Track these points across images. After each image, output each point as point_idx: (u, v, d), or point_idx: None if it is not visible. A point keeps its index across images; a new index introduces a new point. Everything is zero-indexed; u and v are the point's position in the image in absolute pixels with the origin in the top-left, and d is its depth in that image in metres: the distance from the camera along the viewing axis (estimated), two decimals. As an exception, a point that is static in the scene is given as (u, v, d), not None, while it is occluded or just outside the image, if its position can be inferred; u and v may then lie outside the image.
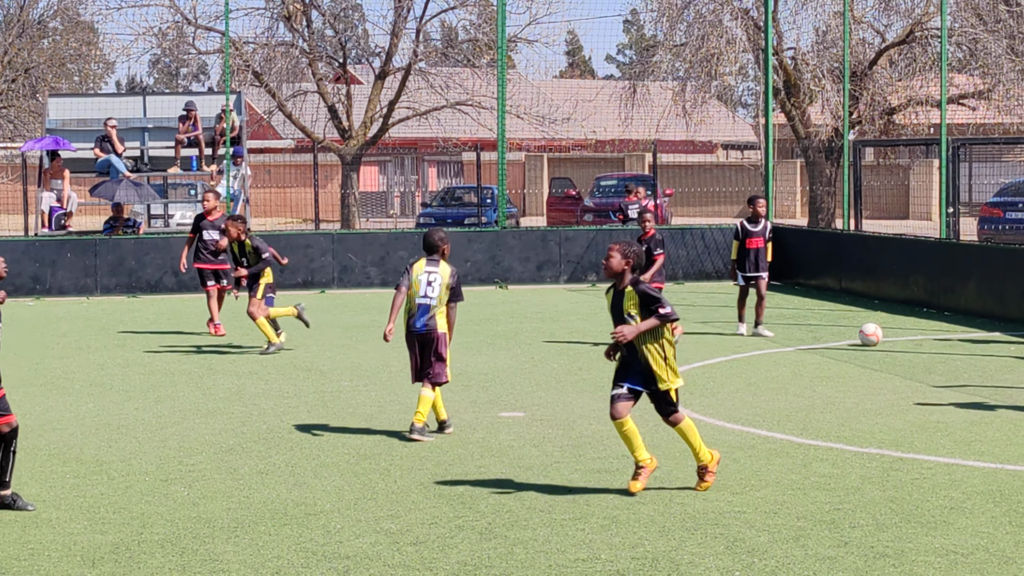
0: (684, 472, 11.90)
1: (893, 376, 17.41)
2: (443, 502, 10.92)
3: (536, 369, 18.28)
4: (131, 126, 33.98)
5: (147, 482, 11.74)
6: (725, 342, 20.90)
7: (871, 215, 37.45)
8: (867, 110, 39.47)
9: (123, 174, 31.69)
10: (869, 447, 12.95)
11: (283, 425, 14.34)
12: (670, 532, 10.00)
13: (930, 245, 26.31)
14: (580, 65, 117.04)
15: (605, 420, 14.46)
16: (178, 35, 45.04)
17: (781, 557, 9.35)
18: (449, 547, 9.65)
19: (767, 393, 16.17)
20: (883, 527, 10.07)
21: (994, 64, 38.00)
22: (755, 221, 21.78)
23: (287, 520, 10.43)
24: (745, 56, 41.32)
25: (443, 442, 13.35)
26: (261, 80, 44.16)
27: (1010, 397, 15.74)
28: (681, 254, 31.39)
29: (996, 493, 11.07)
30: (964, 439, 13.33)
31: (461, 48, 46.59)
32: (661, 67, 42.27)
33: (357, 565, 9.27)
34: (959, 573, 8.95)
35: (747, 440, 13.37)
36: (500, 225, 31.55)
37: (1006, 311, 23.06)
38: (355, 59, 50.35)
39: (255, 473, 12.06)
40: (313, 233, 30.91)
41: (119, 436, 13.76)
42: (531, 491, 11.30)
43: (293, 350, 20.32)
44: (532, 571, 9.09)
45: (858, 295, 27.60)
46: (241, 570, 9.20)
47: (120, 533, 10.12)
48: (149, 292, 28.83)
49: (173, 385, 17.14)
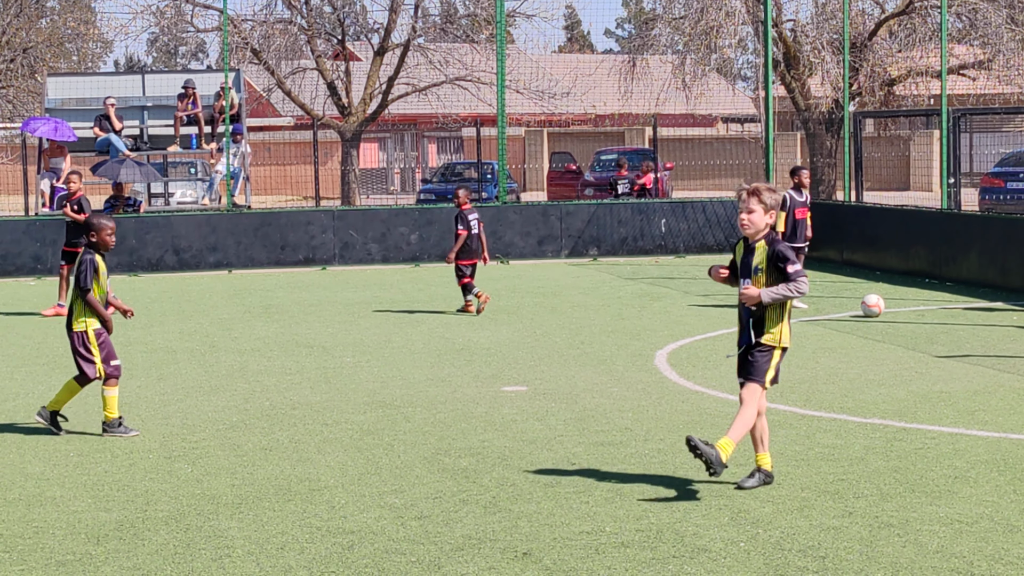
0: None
1: (896, 347, 17.40)
2: (447, 476, 10.92)
3: (538, 343, 18.28)
4: (130, 105, 33.92)
5: (151, 460, 11.74)
6: (728, 314, 20.88)
7: (872, 186, 37.42)
8: (867, 81, 39.39)
9: (123, 153, 31.66)
10: (872, 418, 12.95)
11: (286, 401, 14.34)
12: (674, 504, 10.00)
13: (931, 216, 26.29)
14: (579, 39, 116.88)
15: (608, 393, 14.48)
16: (176, 13, 44.96)
17: (786, 528, 9.35)
18: (453, 521, 9.65)
19: (770, 365, 16.13)
20: (887, 497, 10.07)
21: (994, 34, 37.91)
22: (800, 191, 21.68)
23: (291, 496, 10.43)
24: (744, 28, 41.24)
25: (446, 416, 13.35)
26: (260, 58, 44.09)
27: (1013, 367, 15.74)
28: (682, 227, 31.38)
29: (1000, 462, 11.07)
30: (967, 409, 13.33)
31: (460, 23, 46.50)
32: (660, 40, 42.20)
33: (361, 540, 9.27)
34: (964, 542, 8.95)
35: (750, 412, 13.34)
36: (501, 200, 31.53)
37: (1008, 281, 23.05)
38: (354, 36, 50.21)
39: (259, 449, 12.07)
40: (314, 210, 30.90)
41: (122, 414, 13.74)
42: (535, 465, 11.30)
43: (295, 326, 20.31)
44: (537, 544, 9.09)
45: (860, 266, 27.59)
46: (245, 546, 9.20)
47: (124, 511, 10.12)
48: (150, 271, 28.82)
49: (175, 363, 17.14)
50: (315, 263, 29.59)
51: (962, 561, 8.57)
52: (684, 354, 17.13)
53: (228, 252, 29.22)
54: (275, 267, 29.22)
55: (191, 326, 20.71)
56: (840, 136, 35.06)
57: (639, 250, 31.12)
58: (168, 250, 28.96)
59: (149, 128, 33.89)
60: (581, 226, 30.95)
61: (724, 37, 39.73)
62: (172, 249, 28.95)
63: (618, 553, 8.89)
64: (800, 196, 21.56)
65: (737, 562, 8.66)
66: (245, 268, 29.22)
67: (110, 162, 31.47)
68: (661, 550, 8.93)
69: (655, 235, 31.27)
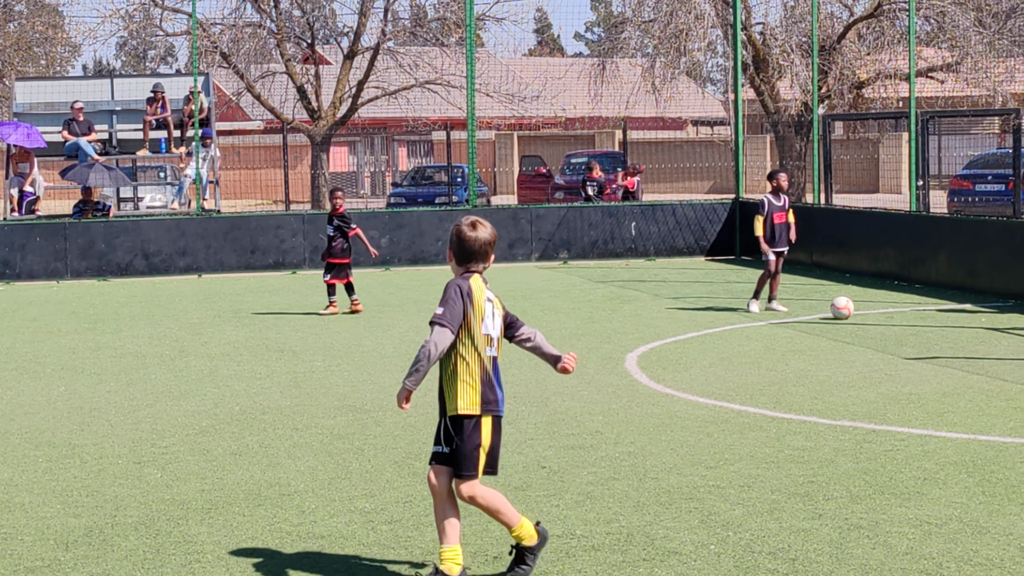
0: (657, 447, 11.92)
1: (865, 349, 17.45)
2: (418, 481, 10.90)
3: (508, 346, 18.22)
4: (99, 109, 33.83)
5: (120, 465, 11.70)
6: (698, 317, 20.92)
7: (841, 189, 37.54)
8: (836, 84, 39.54)
9: (92, 157, 31.56)
10: (842, 420, 12.98)
11: (256, 406, 14.30)
12: (645, 507, 10.01)
13: (900, 218, 26.37)
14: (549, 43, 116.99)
15: (578, 396, 14.49)
16: (145, 17, 44.90)
17: (756, 530, 9.37)
18: (424, 525, 9.63)
19: (740, 367, 16.19)
20: (857, 499, 10.10)
21: (962, 37, 38.10)
22: (778, 195, 21.67)
23: (261, 501, 10.41)
24: (714, 32, 41.38)
25: (417, 421, 13.33)
26: (229, 61, 44.03)
27: (982, 368, 15.80)
28: (652, 230, 31.42)
29: (969, 463, 11.11)
30: (936, 410, 13.37)
31: (430, 27, 46.52)
32: (630, 44, 42.31)
33: (332, 544, 9.25)
34: (933, 543, 8.98)
35: (720, 414, 13.38)
36: (471, 204, 31.53)
37: (976, 283, 23.14)
38: (323, 39, 50.21)
39: (228, 454, 12.03)
40: (283, 214, 30.84)
41: (91, 419, 13.70)
42: (505, 468, 11.28)
43: (266, 331, 20.27)
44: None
45: (829, 269, 27.67)
46: (215, 551, 9.17)
47: (93, 516, 10.08)
48: (119, 275, 28.73)
49: (145, 368, 17.08)
50: (285, 267, 29.54)
51: (931, 563, 8.59)
52: (654, 357, 17.14)
53: (198, 256, 29.15)
54: (245, 271, 29.16)
55: (161, 331, 20.65)
56: (809, 139, 35.15)
57: (610, 253, 31.14)
58: (137, 255, 28.88)
59: (118, 132, 33.81)
60: (551, 229, 30.96)
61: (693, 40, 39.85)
62: (141, 253, 28.88)
63: (588, 557, 8.89)
64: (778, 200, 21.56)
65: (707, 565, 8.67)
66: (215, 272, 29.16)
67: (79, 166, 31.38)
68: (631, 553, 8.94)
69: (625, 238, 31.30)
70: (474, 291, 8.31)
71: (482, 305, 8.33)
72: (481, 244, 8.33)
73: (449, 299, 8.25)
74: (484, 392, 8.31)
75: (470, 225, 8.38)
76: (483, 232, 8.37)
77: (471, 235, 8.34)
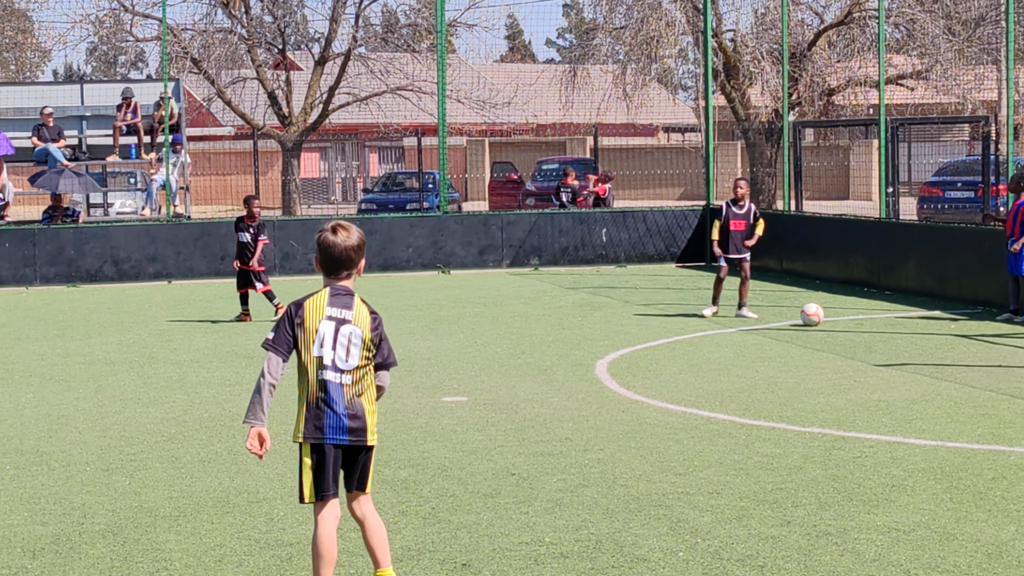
0: (627, 454, 11.92)
1: (834, 355, 17.49)
2: (386, 487, 10.89)
3: (479, 353, 18.27)
4: (68, 114, 33.72)
5: (88, 472, 11.66)
6: (668, 324, 20.94)
7: (811, 196, 37.61)
8: (806, 91, 39.61)
9: (61, 163, 31.46)
10: (811, 426, 13.00)
11: (225, 413, 14.27)
12: (614, 514, 10.01)
13: (870, 225, 26.44)
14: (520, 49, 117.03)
15: (548, 403, 14.49)
16: (115, 23, 44.73)
17: (724, 537, 9.38)
18: (393, 532, 9.62)
19: (709, 374, 16.21)
20: (825, 506, 10.12)
21: (931, 44, 38.20)
22: (738, 202, 21.71)
23: (229, 508, 10.38)
24: (685, 38, 41.41)
25: (386, 427, 13.30)
26: (200, 67, 43.91)
27: (950, 375, 15.85)
28: (623, 237, 31.44)
29: (937, 470, 11.14)
30: (905, 417, 13.41)
31: (401, 33, 46.48)
32: (601, 50, 42.35)
33: (300, 552, 9.23)
34: (901, 550, 9.00)
35: (690, 421, 13.40)
36: (442, 210, 31.52)
37: (945, 290, 23.21)
38: (294, 45, 50.16)
39: (197, 461, 12.00)
40: (254, 220, 30.74)
41: (59, 426, 13.65)
42: (475, 475, 11.28)
43: (235, 336, 20.22)
44: (476, 555, 9.08)
45: (799, 275, 27.73)
46: (183, 559, 9.14)
47: (61, 524, 10.04)
48: (89, 281, 28.64)
49: (114, 374, 17.03)
50: (255, 273, 29.43)
51: (899, 569, 8.61)
52: (624, 363, 17.15)
53: (167, 263, 29.08)
54: (215, 277, 29.08)
55: (130, 337, 20.59)
56: (780, 145, 35.23)
57: (580, 260, 31.16)
58: (107, 261, 28.80)
59: (88, 138, 33.70)
60: (522, 236, 30.96)
61: (664, 47, 39.91)
62: (111, 260, 28.79)
63: (557, 564, 8.89)
64: (737, 207, 21.62)
65: (676, 572, 8.67)
66: (185, 279, 29.08)
67: (48, 172, 31.26)
68: (600, 560, 8.94)
69: (596, 245, 31.32)
70: (307, 310, 7.82)
71: (315, 325, 7.82)
72: (343, 250, 7.82)
73: (279, 321, 7.87)
74: (308, 418, 7.84)
75: (331, 230, 7.89)
76: (345, 237, 7.86)
77: (332, 240, 7.84)
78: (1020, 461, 11.46)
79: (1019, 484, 10.67)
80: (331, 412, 7.81)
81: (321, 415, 7.81)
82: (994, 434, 12.58)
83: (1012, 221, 20.52)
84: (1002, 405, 13.99)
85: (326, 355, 7.83)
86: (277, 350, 7.79)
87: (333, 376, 7.84)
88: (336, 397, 7.83)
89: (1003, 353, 17.60)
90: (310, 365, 7.82)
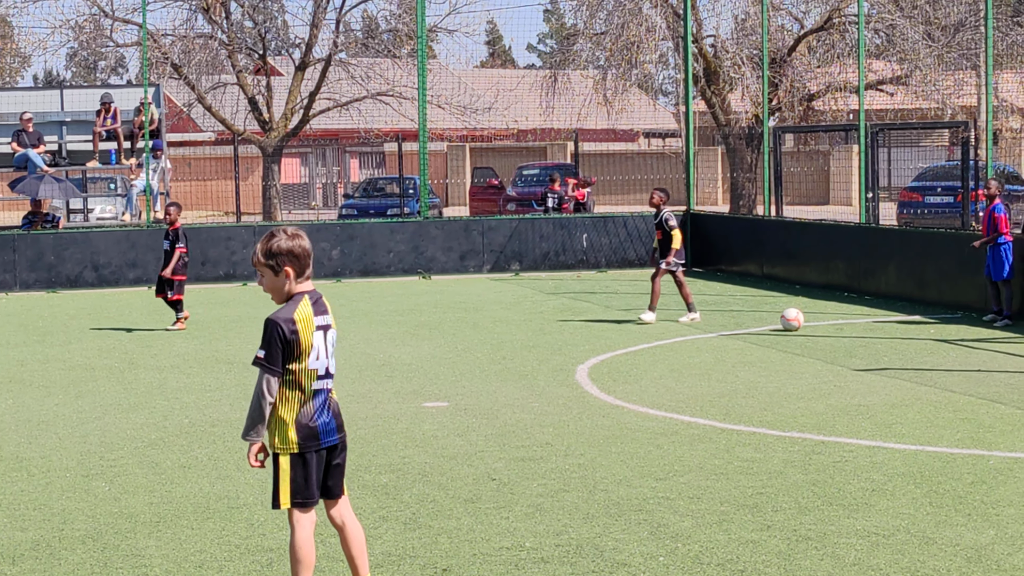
0: (607, 459, 11.93)
1: (815, 360, 17.52)
2: (367, 493, 10.89)
3: (460, 359, 18.27)
4: (48, 120, 33.65)
5: (68, 478, 11.63)
6: (648, 329, 20.95)
7: (792, 201, 37.66)
8: (787, 96, 39.70)
9: (41, 168, 31.40)
10: (791, 431, 13.02)
11: (205, 419, 14.25)
12: (594, 519, 10.02)
13: (850, 230, 26.49)
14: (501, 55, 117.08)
15: (529, 408, 14.49)
16: (95, 28, 44.62)
17: (704, 541, 9.39)
18: (373, 538, 9.61)
19: (690, 379, 16.23)
20: (805, 510, 10.13)
21: (911, 50, 38.31)
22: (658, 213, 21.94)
23: (210, 514, 10.37)
24: (665, 44, 41.45)
25: (367, 433, 13.31)
26: (180, 72, 43.84)
27: (930, 380, 15.88)
28: (604, 242, 31.46)
29: (916, 475, 11.16)
30: (885, 422, 13.43)
31: (381, 38, 46.45)
32: (582, 56, 42.37)
33: (280, 557, 9.22)
34: (880, 554, 9.02)
35: (670, 426, 13.41)
36: (423, 215, 31.52)
37: (925, 294, 23.27)
38: (275, 50, 50.09)
39: (177, 467, 11.98)
40: (234, 226, 30.75)
41: (39, 432, 13.63)
42: (455, 480, 11.29)
43: (215, 342, 20.20)
44: (456, 560, 9.08)
45: (780, 280, 27.77)
46: (163, 564, 9.13)
47: (41, 530, 10.02)
48: (69, 287, 28.58)
49: (94, 380, 16.99)
50: (236, 279, 29.44)
51: (878, 574, 8.63)
52: (605, 369, 17.16)
53: (148, 268, 29.00)
54: (195, 283, 29.00)
55: (110, 343, 20.55)
56: (760, 151, 35.28)
57: (561, 265, 31.17)
58: (87, 266, 28.74)
59: (68, 143, 33.63)
60: (503, 241, 30.97)
61: (645, 52, 39.94)
62: (91, 265, 28.73)
63: (538, 569, 8.89)
64: (656, 218, 21.97)
65: (656, 576, 8.69)
66: (165, 284, 28.97)
67: (28, 178, 31.21)
68: (581, 565, 8.94)
69: (577, 250, 31.34)
70: (300, 325, 7.67)
71: (309, 339, 7.69)
72: (309, 250, 7.80)
73: (271, 339, 7.63)
74: (299, 428, 7.71)
75: (292, 236, 7.80)
76: (304, 239, 7.85)
77: (303, 244, 7.79)
78: (999, 465, 11.50)
79: (998, 488, 10.70)
80: (323, 418, 7.78)
81: (315, 423, 7.77)
82: (973, 438, 12.62)
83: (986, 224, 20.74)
84: (981, 409, 14.03)
85: (321, 366, 7.79)
86: (272, 371, 7.66)
87: (325, 383, 7.82)
88: (326, 402, 7.83)
89: (982, 358, 17.65)
90: (305, 378, 7.72)
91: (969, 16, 38.32)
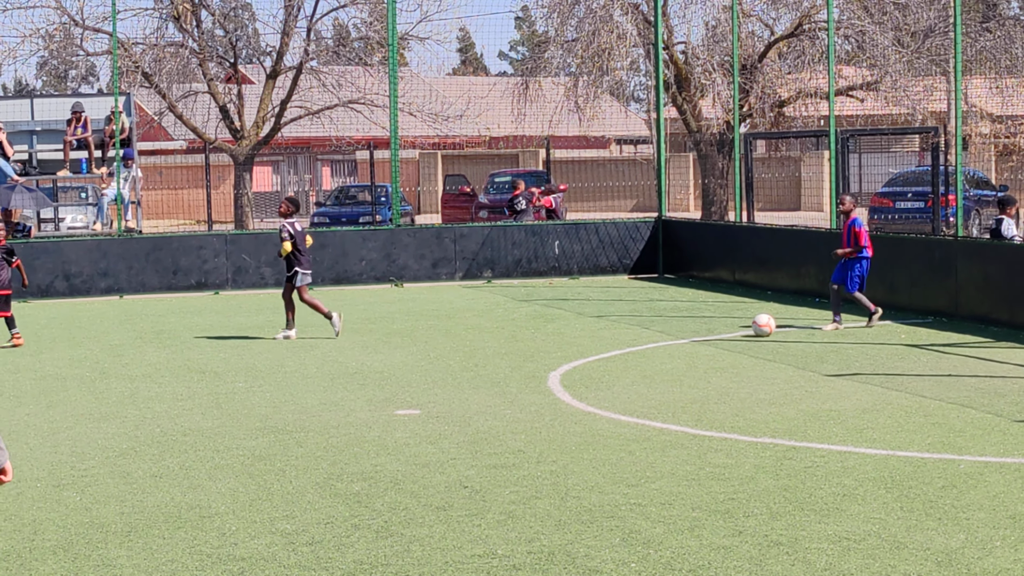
0: (580, 466, 11.94)
1: (786, 366, 17.56)
2: (339, 501, 10.88)
3: (432, 366, 18.26)
4: (19, 129, 33.52)
5: (39, 488, 11.60)
6: (621, 335, 20.98)
7: (763, 207, 37.75)
8: (757, 103, 39.77)
9: (12, 178, 31.29)
10: (763, 437, 13.05)
11: (177, 428, 14.22)
12: (566, 526, 10.03)
13: (821, 236, 26.55)
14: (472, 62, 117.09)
15: (501, 416, 14.50)
16: (65, 37, 44.48)
17: (676, 548, 9.40)
18: (345, 546, 9.61)
19: (662, 385, 16.26)
20: (777, 515, 10.16)
21: (881, 56, 38.42)
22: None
23: (181, 523, 10.35)
24: (636, 51, 41.51)
25: (339, 441, 13.30)
26: (151, 81, 43.74)
27: (901, 384, 15.94)
28: (576, 249, 31.48)
29: (888, 479, 11.20)
30: (856, 427, 13.47)
31: (353, 46, 46.43)
32: (553, 63, 42.37)
33: (252, 567, 9.21)
34: (852, 559, 9.04)
35: (642, 432, 13.43)
36: (395, 223, 31.49)
37: (895, 299, 23.33)
38: (246, 59, 50.01)
39: (149, 477, 11.96)
40: (206, 234, 30.68)
41: (10, 442, 13.57)
42: (427, 488, 11.28)
43: (187, 351, 20.15)
44: (428, 568, 9.08)
45: (751, 286, 27.82)
46: (134, 574, 9.11)
47: (11, 540, 9.99)
48: (40, 296, 28.48)
49: (65, 390, 16.95)
50: (207, 287, 29.38)
51: (850, 578, 8.66)
52: (577, 375, 17.18)
53: (119, 277, 28.96)
54: (167, 292, 28.99)
55: (81, 352, 20.50)
56: (731, 157, 35.35)
57: (533, 272, 31.19)
58: (58, 276, 28.65)
59: (38, 152, 33.51)
60: (475, 248, 30.96)
61: (616, 59, 39.98)
62: (62, 275, 28.65)
63: (510, 576, 8.90)
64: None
65: (628, 583, 8.70)
66: (136, 293, 28.95)
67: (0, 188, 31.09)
68: (553, 572, 8.95)
69: (549, 257, 31.35)
70: None
71: None
72: None
73: None
74: None
75: None
76: None
77: None
78: (969, 469, 11.54)
79: (968, 492, 10.74)
80: None
81: None
82: (944, 443, 12.67)
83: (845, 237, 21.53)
84: (952, 414, 14.08)
85: None
86: None
87: None
88: None
89: (953, 362, 17.72)
90: None
91: (939, 22, 38.44)
